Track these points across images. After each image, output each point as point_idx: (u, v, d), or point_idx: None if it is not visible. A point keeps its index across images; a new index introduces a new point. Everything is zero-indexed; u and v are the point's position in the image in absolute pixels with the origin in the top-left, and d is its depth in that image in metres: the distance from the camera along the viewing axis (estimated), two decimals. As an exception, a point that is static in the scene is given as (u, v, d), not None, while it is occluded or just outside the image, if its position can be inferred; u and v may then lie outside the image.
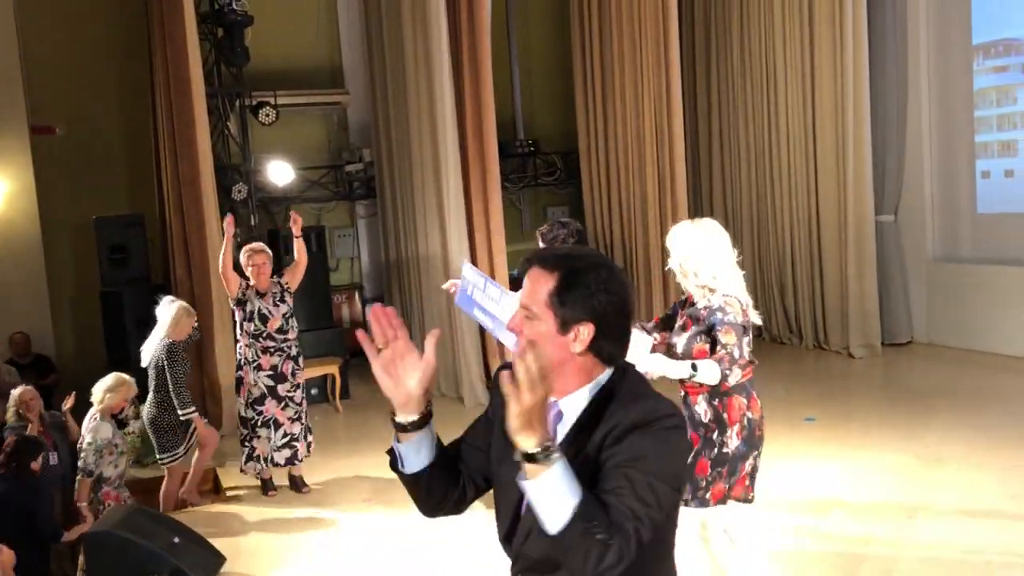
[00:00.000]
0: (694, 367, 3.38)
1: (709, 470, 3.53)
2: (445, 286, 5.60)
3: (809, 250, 9.87)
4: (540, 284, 1.78)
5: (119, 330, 8.61)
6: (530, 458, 1.53)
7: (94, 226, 8.81)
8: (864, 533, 4.95)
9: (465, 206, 8.49)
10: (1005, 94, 9.11)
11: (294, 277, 6.37)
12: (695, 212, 11.35)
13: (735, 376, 3.42)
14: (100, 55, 9.73)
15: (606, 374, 1.81)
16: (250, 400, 6.20)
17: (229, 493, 6.62)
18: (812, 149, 9.69)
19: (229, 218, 6.27)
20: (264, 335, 6.16)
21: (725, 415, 3.51)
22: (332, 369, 8.82)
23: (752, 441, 3.55)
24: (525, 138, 11.65)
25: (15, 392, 6.18)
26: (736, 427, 3.51)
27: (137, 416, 7.24)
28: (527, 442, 1.53)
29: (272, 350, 6.19)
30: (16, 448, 5.04)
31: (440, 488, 1.93)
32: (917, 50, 9.58)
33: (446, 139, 8.29)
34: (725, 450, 3.52)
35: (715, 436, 3.53)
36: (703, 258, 3.59)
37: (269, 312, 6.17)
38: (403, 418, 1.79)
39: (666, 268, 3.76)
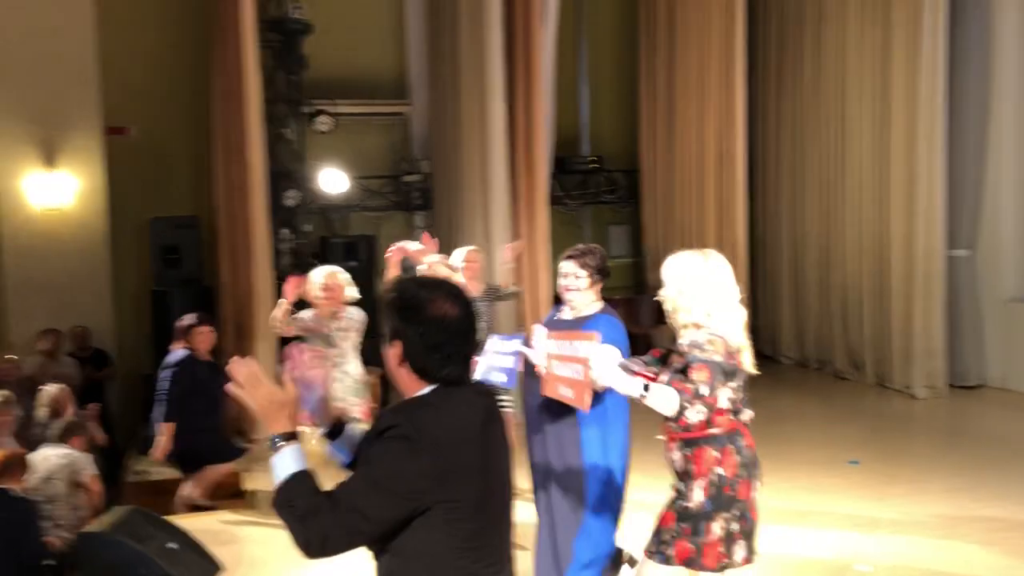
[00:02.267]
0: (646, 387, 3.07)
1: (673, 523, 3.25)
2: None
3: (876, 283, 9.39)
4: None
5: (166, 329, 8.76)
6: (271, 443, 2.05)
7: (150, 226, 9.00)
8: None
9: (512, 220, 8.38)
10: (1096, 125, 8.49)
11: None
12: (761, 240, 11.00)
13: (695, 414, 3.10)
14: (172, 58, 9.98)
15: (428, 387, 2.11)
16: None
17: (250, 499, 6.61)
18: (884, 178, 9.23)
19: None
20: None
21: (692, 466, 3.22)
22: (374, 378, 8.79)
23: (720, 500, 3.20)
24: (590, 154, 11.47)
25: (48, 390, 6.29)
26: (702, 481, 3.20)
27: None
28: (268, 431, 2.07)
29: None
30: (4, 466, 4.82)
31: None
32: (1002, 75, 9.01)
33: (495, 151, 8.21)
34: (688, 504, 3.22)
35: (681, 487, 3.26)
36: (700, 293, 3.27)
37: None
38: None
39: (655, 298, 3.47)
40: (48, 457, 5.36)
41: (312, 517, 1.94)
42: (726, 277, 3.37)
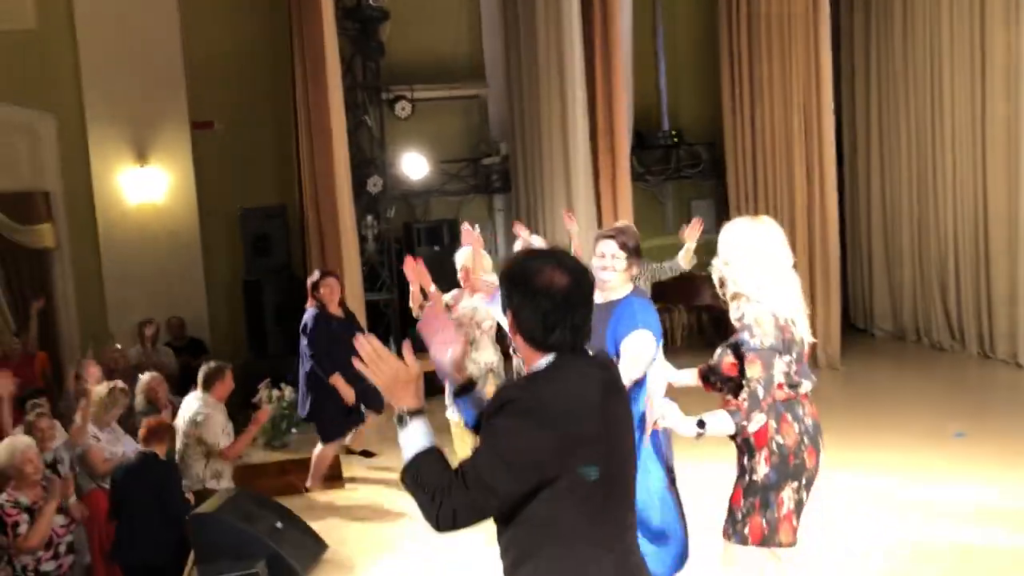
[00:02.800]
0: (701, 424, 3.04)
1: (742, 500, 3.20)
2: None
3: (976, 249, 9.01)
4: None
5: (259, 317, 8.97)
6: (397, 419, 2.10)
7: (239, 216, 9.19)
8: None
9: (595, 198, 8.30)
10: None
11: None
12: (851, 209, 10.67)
13: (756, 423, 3.07)
14: (252, 51, 10.14)
15: (544, 360, 2.13)
16: None
17: (348, 485, 6.70)
18: (981, 141, 8.82)
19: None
20: None
21: (752, 438, 3.15)
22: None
23: (784, 470, 3.13)
24: (669, 129, 11.27)
25: (143, 379, 6.50)
26: (764, 452, 3.14)
27: (270, 400, 7.53)
28: (395, 407, 2.11)
29: None
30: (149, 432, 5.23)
31: None
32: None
33: (576, 132, 8.14)
34: (754, 477, 3.16)
35: (745, 461, 3.20)
36: (749, 264, 3.16)
37: None
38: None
39: (708, 270, 3.31)
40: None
41: (442, 494, 1.99)
42: (776, 244, 3.24)
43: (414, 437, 2.06)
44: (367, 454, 7.11)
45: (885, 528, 5.01)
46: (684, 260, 5.96)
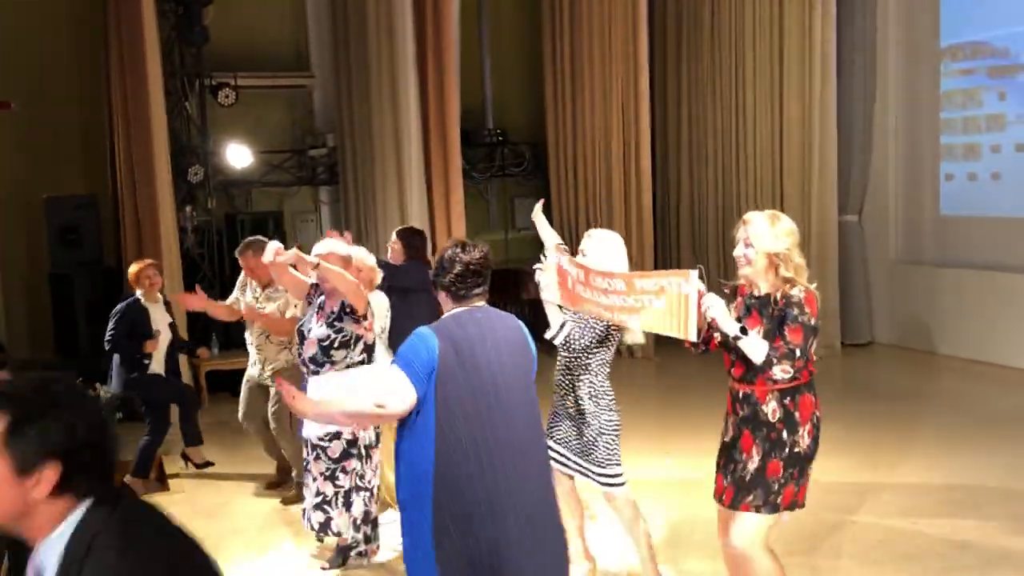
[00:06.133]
0: (744, 330, 3.33)
1: (781, 471, 3.46)
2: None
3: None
4: None
5: (68, 313, 8.42)
6: None
7: (44, 206, 8.57)
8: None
9: (427, 195, 8.37)
10: (971, 97, 9.11)
11: None
12: (662, 203, 11.30)
13: (781, 372, 3.36)
14: (57, 28, 9.45)
15: (80, 510, 1.61)
16: None
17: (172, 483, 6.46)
18: (779, 149, 9.66)
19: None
20: None
21: (796, 412, 3.45)
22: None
23: (818, 442, 3.52)
24: (494, 128, 11.52)
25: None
26: (808, 425, 3.47)
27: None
28: None
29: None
30: None
31: None
32: (886, 51, 9.57)
33: (409, 127, 8.19)
34: (797, 449, 3.46)
35: (784, 436, 3.45)
36: (798, 253, 3.46)
37: None
38: None
39: (735, 254, 3.54)
40: None
41: None
42: None
43: None
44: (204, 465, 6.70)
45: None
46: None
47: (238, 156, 9.71)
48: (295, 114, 10.80)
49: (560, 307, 4.06)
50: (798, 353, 3.34)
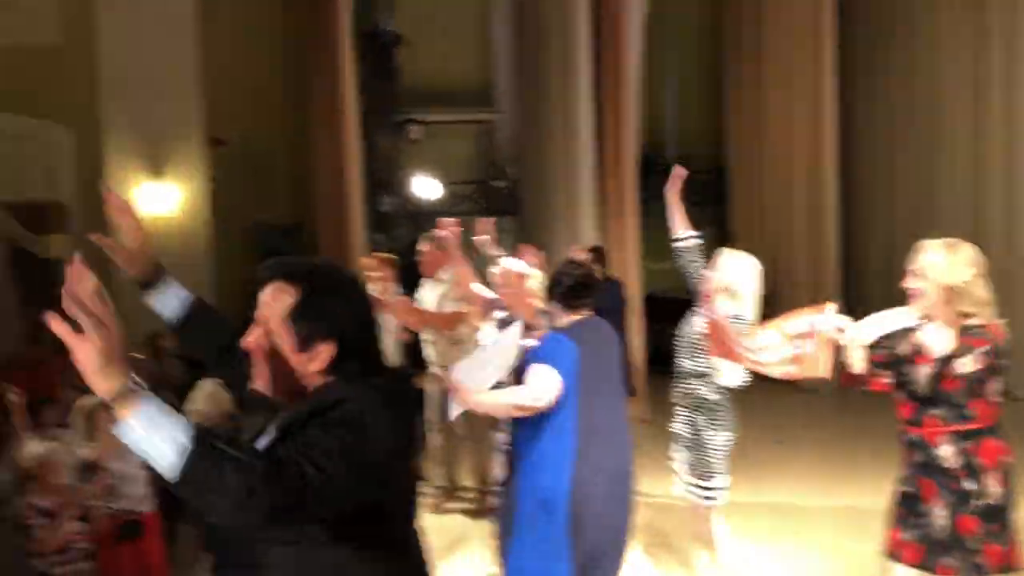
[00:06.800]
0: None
1: (977, 527, 3.16)
2: None
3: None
4: (279, 299, 1.78)
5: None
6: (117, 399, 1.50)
7: (254, 233, 9.33)
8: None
9: (601, 223, 8.48)
10: None
11: None
12: (847, 238, 10.83)
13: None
14: (271, 70, 10.32)
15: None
16: None
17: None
18: (980, 180, 9.02)
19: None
20: None
21: (977, 459, 3.17)
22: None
23: (1015, 490, 3.20)
24: (674, 156, 11.46)
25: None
26: (995, 473, 3.17)
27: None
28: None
29: None
30: None
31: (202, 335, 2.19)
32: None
33: (583, 157, 8.31)
34: (989, 500, 3.16)
35: (967, 485, 3.18)
36: (975, 283, 3.15)
37: None
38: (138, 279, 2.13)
39: (907, 286, 3.28)
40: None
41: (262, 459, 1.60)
42: None
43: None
44: None
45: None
46: None
47: (427, 187, 10.22)
48: (480, 147, 11.24)
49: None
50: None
